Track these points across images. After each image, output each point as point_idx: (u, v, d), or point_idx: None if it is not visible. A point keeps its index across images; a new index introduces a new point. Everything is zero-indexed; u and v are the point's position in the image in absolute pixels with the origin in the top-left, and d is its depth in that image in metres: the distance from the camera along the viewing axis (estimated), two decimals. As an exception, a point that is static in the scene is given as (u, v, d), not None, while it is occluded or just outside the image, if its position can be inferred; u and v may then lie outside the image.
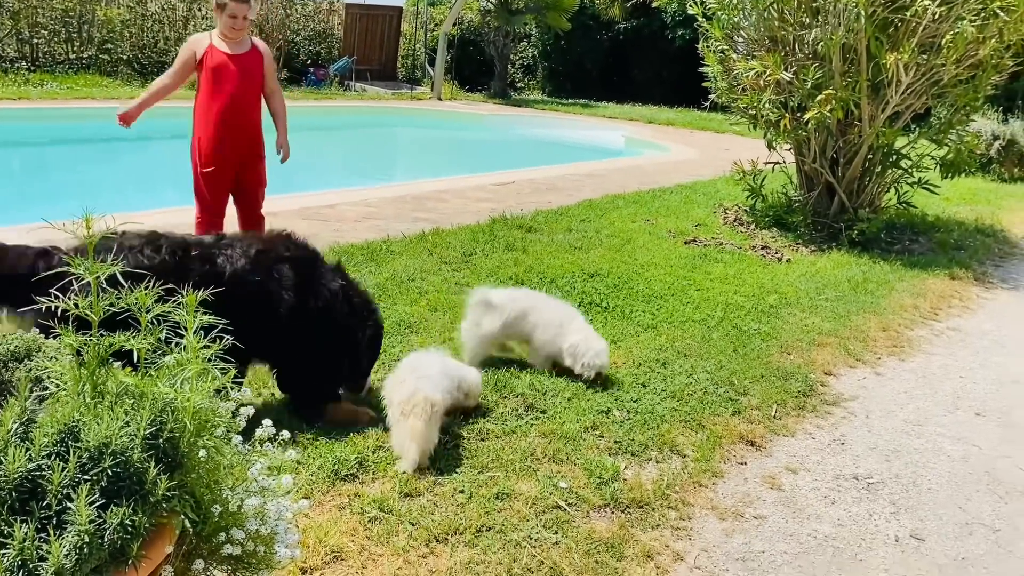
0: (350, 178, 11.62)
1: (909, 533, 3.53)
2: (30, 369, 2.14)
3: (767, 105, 8.16)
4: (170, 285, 3.12)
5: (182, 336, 2.13)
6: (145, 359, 2.09)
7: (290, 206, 8.45)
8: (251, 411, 2.28)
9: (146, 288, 3.03)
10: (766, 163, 9.29)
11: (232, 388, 2.23)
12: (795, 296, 6.55)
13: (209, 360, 2.12)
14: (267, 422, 2.30)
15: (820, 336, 5.70)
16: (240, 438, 2.19)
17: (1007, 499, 3.87)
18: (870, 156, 8.49)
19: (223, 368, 2.11)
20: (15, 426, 1.80)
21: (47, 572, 1.66)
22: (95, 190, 10.06)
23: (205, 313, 2.48)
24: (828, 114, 7.67)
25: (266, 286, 3.79)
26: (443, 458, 3.69)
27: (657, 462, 3.87)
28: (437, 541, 3.13)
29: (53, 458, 1.78)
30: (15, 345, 2.30)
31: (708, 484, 3.74)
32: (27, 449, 1.77)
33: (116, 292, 2.10)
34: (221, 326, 2.16)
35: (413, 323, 5.27)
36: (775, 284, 6.85)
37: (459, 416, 4.04)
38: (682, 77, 21.82)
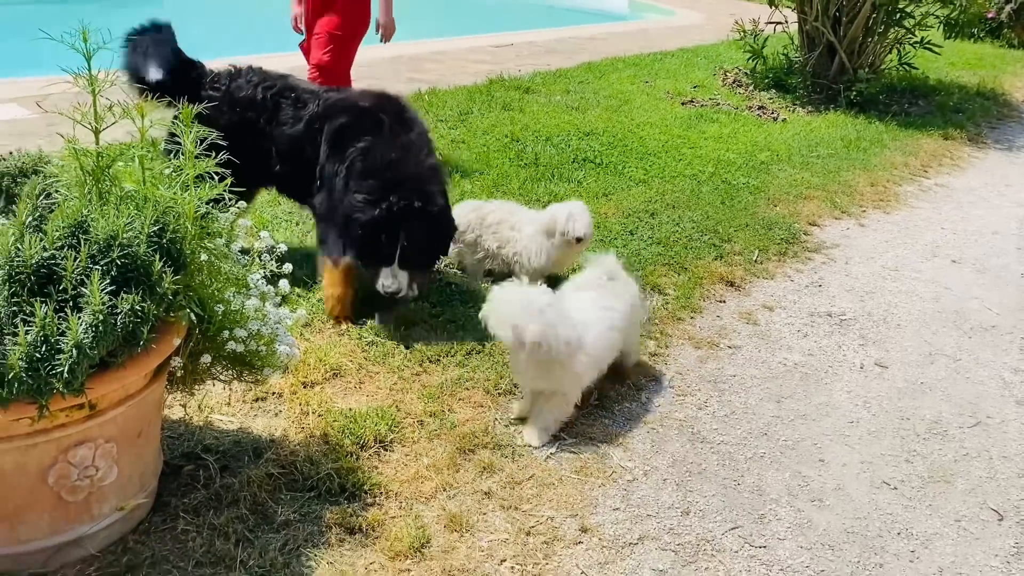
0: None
1: (874, 362, 3.75)
2: (41, 181, 2.26)
3: (770, -40, 7.96)
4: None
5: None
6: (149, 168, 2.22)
7: (282, 64, 8.37)
8: (248, 223, 2.43)
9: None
10: (768, 23, 9.12)
11: (231, 200, 2.38)
12: (787, 153, 6.61)
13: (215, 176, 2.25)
14: (264, 234, 2.45)
15: (808, 190, 5.81)
16: (240, 245, 2.35)
17: (971, 334, 4.08)
18: (873, 15, 8.33)
19: (220, 176, 2.24)
20: (28, 219, 1.95)
21: (67, 346, 1.85)
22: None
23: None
24: (832, -31, 7.50)
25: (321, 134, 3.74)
26: (437, 293, 3.89)
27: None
28: (430, 362, 3.35)
29: (66, 249, 1.94)
30: (22, 162, 2.43)
31: (687, 318, 3.94)
32: (41, 239, 1.93)
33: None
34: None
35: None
36: (768, 142, 6.89)
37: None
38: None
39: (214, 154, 2.29)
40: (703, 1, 18.07)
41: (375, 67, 8.89)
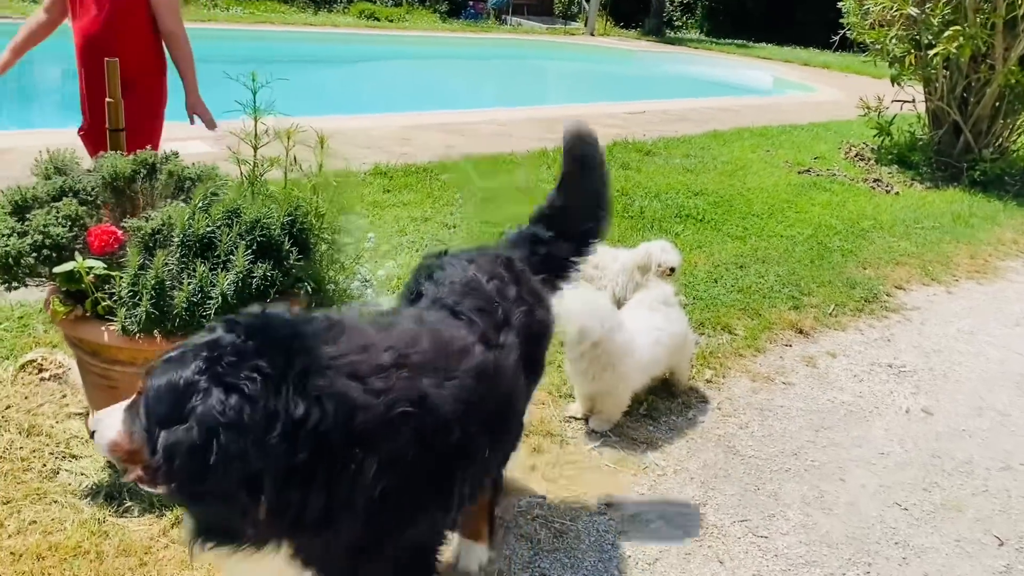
0: (494, 103, 12.39)
1: (921, 408, 3.99)
2: (213, 181, 3.01)
3: (893, 40, 8.23)
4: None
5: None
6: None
7: (433, 121, 9.36)
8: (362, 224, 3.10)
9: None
10: (894, 100, 9.31)
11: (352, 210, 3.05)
12: (890, 223, 6.82)
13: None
14: (372, 236, 3.12)
15: (902, 256, 6.02)
16: (351, 240, 3.02)
17: (1031, 396, 4.23)
18: (1001, 96, 8.40)
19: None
20: (200, 203, 2.68)
21: (216, 294, 2.54)
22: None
23: None
24: (954, 51, 7.70)
25: None
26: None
27: (708, 336, 4.46)
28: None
29: (222, 227, 2.65)
30: (200, 170, 3.20)
31: (748, 356, 4.32)
32: (207, 218, 2.65)
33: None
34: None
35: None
36: (875, 212, 7.11)
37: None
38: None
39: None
40: (850, 79, 18.16)
41: (513, 126, 9.73)
